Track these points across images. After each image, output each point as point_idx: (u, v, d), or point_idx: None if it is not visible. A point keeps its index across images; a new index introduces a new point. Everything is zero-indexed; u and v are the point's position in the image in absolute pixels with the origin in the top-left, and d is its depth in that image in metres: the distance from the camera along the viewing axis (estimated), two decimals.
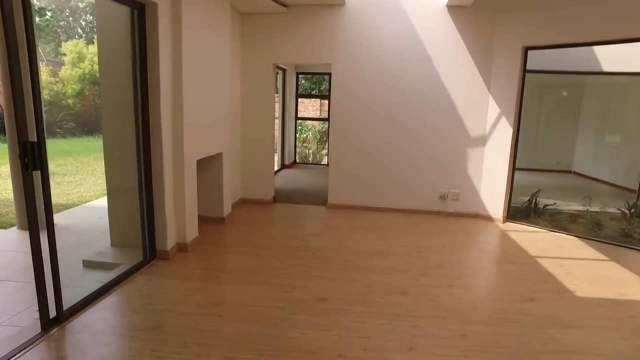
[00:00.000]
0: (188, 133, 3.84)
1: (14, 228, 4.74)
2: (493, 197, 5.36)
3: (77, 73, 13.92)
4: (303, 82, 14.05)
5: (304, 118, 12.05)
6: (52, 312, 2.55)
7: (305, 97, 12.76)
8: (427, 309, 2.96)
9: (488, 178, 5.39)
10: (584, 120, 8.59)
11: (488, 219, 5.41)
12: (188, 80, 3.78)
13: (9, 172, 4.83)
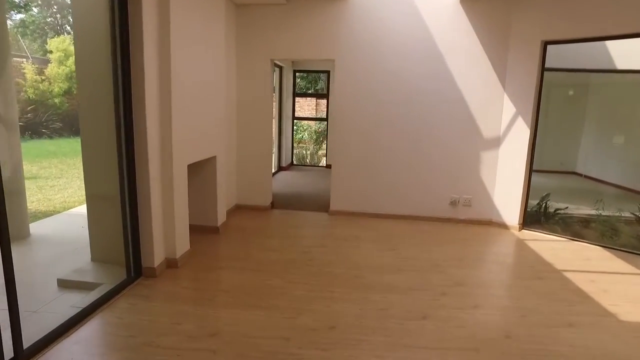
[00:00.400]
0: (177, 135, 3.41)
1: None
2: (508, 203, 5.00)
3: (64, 71, 13.37)
4: (298, 81, 13.64)
5: (302, 118, 11.65)
6: (8, 352, 2.11)
7: (303, 96, 12.31)
8: (454, 339, 2.57)
9: (502, 183, 5.02)
10: (589, 120, 8.28)
11: (502, 227, 5.04)
12: (177, 77, 3.36)
13: None
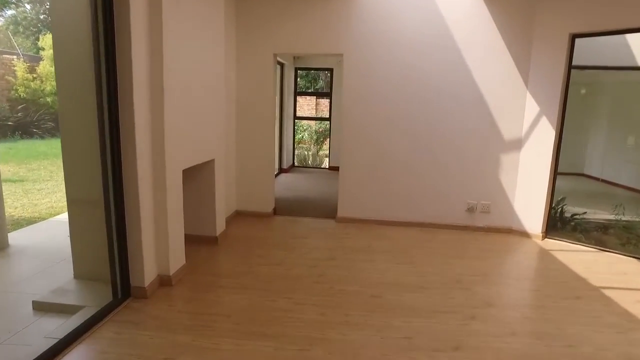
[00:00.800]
0: (171, 137, 3.02)
1: None
2: (529, 210, 4.63)
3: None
4: (298, 79, 13.27)
5: (304, 117, 11.25)
6: None
7: (304, 94, 11.91)
8: None
9: (524, 188, 4.65)
10: (599, 120, 7.93)
11: (523, 235, 4.67)
12: (171, 74, 2.96)
13: None
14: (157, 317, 2.70)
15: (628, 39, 6.00)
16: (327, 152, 11.79)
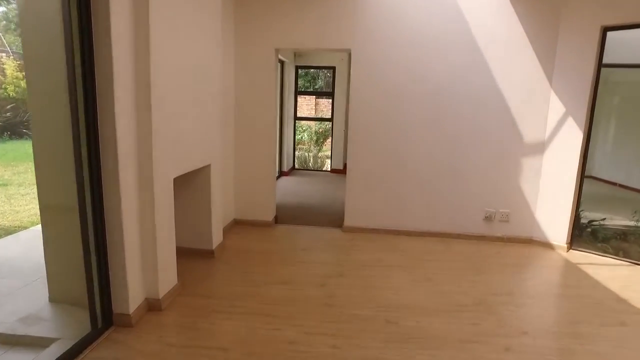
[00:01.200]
0: (159, 142, 2.63)
1: None
2: (553, 218, 4.27)
3: None
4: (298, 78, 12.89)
5: (305, 118, 10.88)
6: None
7: (305, 94, 11.52)
8: None
9: (546, 195, 4.29)
10: (608, 120, 7.58)
11: (546, 246, 4.31)
12: (159, 71, 2.58)
13: None
14: (142, 351, 2.31)
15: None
16: (327, 153, 11.43)
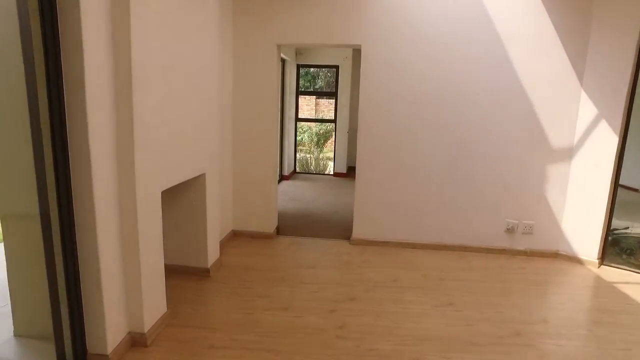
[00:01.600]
0: (144, 151, 2.24)
1: None
2: (581, 231, 3.89)
3: None
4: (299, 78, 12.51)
5: (307, 119, 10.53)
6: None
7: (307, 94, 11.16)
8: None
9: (575, 205, 3.91)
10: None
11: (574, 261, 3.94)
12: (143, 70, 2.19)
13: None
14: None
15: None
16: (329, 154, 11.05)
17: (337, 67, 7.95)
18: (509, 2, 3.71)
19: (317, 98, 14.11)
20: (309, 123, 12.43)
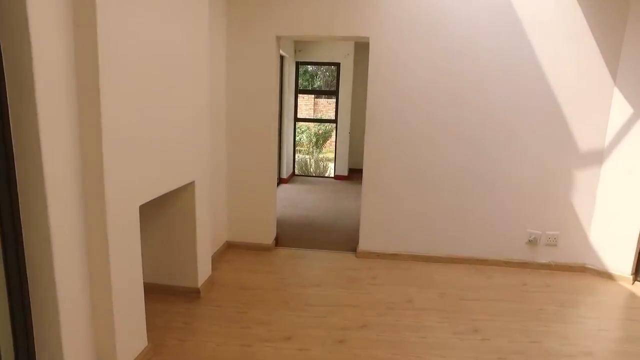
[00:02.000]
0: (115, 162, 1.85)
1: None
2: (612, 242, 3.52)
3: None
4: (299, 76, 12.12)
5: (307, 119, 10.17)
6: None
7: (307, 93, 10.79)
8: None
9: (605, 214, 3.55)
10: None
11: (603, 275, 3.57)
12: (114, 66, 1.80)
13: None
14: None
15: None
16: (328, 155, 10.67)
17: (338, 64, 7.55)
18: None
19: (315, 97, 13.72)
20: (308, 123, 12.08)
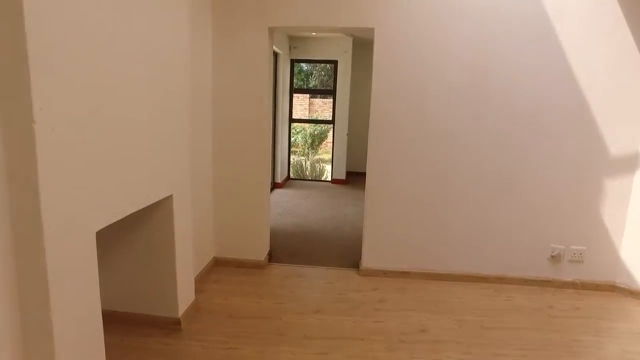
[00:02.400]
0: (56, 178, 1.42)
1: None
2: None
3: None
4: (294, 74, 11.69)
5: (302, 120, 9.76)
6: None
7: (302, 92, 10.38)
8: None
9: (638, 226, 3.17)
10: None
11: (635, 295, 3.20)
12: (55, 56, 1.37)
13: None
14: None
15: None
16: (324, 157, 10.28)
17: (335, 62, 7.14)
18: None
19: (310, 97, 13.30)
20: (304, 124, 11.68)
